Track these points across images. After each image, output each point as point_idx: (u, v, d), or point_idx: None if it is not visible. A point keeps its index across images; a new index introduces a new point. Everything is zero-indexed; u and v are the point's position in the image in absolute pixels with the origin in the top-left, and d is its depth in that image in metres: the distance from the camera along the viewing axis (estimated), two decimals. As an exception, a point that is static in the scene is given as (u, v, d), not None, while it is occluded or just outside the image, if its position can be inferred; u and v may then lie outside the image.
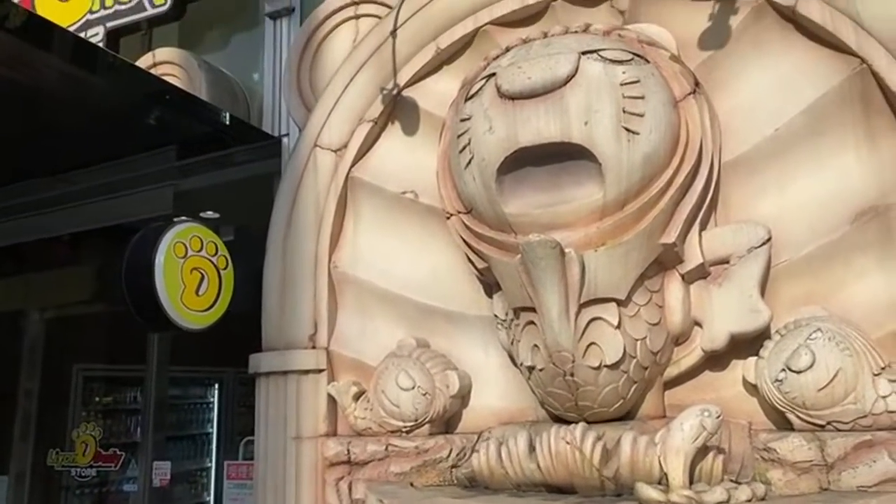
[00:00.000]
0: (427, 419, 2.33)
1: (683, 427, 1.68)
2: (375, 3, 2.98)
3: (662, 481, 1.71)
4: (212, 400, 5.46)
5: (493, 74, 2.16)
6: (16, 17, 2.72)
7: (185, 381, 5.17)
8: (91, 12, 4.12)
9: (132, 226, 3.84)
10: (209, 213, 4.15)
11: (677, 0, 2.39)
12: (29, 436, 3.80)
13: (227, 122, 3.33)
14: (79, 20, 4.17)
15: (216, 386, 5.51)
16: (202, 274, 2.53)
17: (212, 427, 5.41)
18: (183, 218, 2.58)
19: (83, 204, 3.84)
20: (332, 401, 2.54)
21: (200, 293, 2.51)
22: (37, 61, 2.79)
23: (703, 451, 1.71)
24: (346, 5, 3.02)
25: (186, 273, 2.46)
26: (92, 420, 3.95)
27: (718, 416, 1.69)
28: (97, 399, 4.41)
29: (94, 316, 4.26)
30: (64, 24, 4.29)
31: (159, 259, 2.34)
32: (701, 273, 2.11)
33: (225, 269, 2.65)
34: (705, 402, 1.95)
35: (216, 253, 2.61)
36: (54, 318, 4.11)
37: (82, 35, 4.07)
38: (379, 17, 2.88)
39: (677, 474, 1.66)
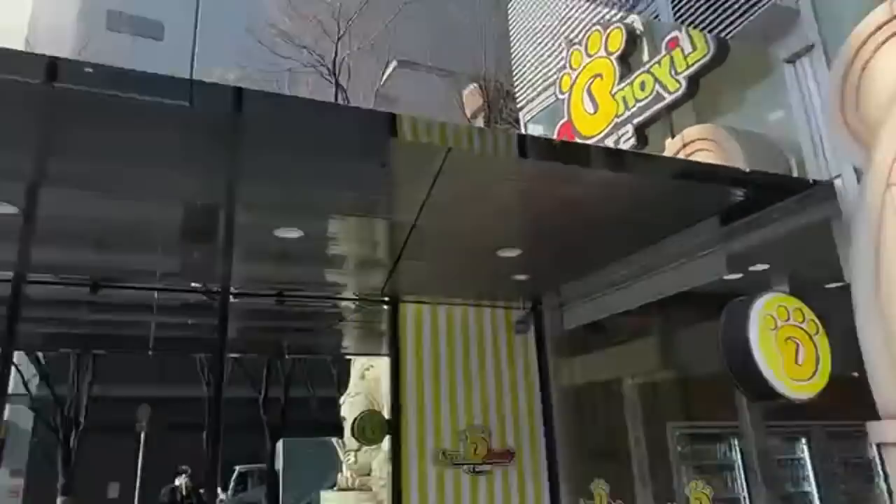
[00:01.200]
0: None
1: None
2: (928, 2, 2.58)
3: None
4: (801, 455, 5.16)
5: None
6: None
7: (770, 435, 5.01)
8: (617, 116, 4.80)
9: (695, 291, 4.18)
10: (758, 267, 4.16)
11: None
12: (646, 488, 4.40)
13: (764, 180, 3.33)
14: (608, 125, 4.92)
15: (803, 441, 5.19)
16: (796, 343, 2.54)
17: (809, 485, 5.06)
18: (762, 292, 2.66)
19: (649, 278, 4.37)
20: None
21: (799, 362, 2.51)
22: (584, 176, 3.41)
23: None
24: (889, 20, 2.70)
25: (781, 343, 2.51)
26: (699, 477, 4.28)
27: None
28: (688, 453, 4.76)
29: (679, 379, 4.72)
30: (596, 131, 5.14)
31: (753, 335, 2.47)
32: None
33: (816, 334, 2.59)
34: None
35: (804, 319, 2.59)
36: (643, 383, 4.74)
37: (613, 136, 4.80)
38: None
39: None
